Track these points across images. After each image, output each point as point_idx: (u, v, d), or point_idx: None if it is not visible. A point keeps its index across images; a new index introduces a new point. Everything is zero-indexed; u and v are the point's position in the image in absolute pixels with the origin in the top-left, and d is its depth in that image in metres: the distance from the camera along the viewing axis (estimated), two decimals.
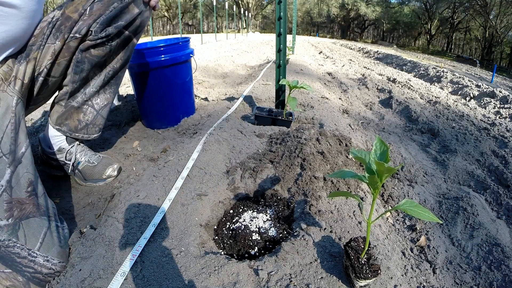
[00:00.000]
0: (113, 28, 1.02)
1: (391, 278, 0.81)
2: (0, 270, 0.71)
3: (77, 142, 1.25)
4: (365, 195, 1.22)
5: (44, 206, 0.81)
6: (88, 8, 0.99)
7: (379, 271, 0.72)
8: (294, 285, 0.73)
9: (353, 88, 3.54)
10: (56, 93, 1.15)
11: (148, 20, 1.19)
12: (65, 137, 1.21)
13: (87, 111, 1.16)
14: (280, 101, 2.06)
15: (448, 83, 4.33)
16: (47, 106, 2.04)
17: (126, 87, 3.00)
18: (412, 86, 3.86)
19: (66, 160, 1.22)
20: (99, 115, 1.20)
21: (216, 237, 0.98)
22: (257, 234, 0.95)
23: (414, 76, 5.32)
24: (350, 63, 6.64)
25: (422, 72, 5.44)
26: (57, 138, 1.20)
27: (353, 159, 1.43)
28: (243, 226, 0.97)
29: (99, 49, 1.05)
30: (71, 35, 0.99)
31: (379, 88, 3.66)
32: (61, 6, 1.02)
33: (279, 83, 1.87)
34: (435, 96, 3.34)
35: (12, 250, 0.72)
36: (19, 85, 0.90)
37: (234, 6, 27.07)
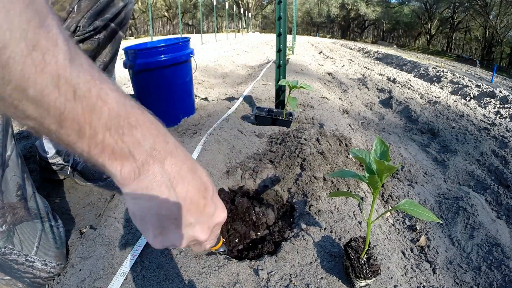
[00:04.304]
0: (100, 21, 1.04)
1: (391, 278, 0.81)
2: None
3: None
4: (365, 195, 1.22)
5: (35, 208, 0.80)
6: (76, 6, 1.01)
7: (379, 271, 0.72)
8: (294, 285, 0.73)
9: (353, 88, 3.54)
10: None
11: (131, 13, 1.21)
12: None
13: None
14: (280, 101, 2.06)
15: (448, 83, 4.33)
16: None
17: (126, 87, 3.00)
18: (412, 86, 3.86)
19: (64, 162, 1.22)
20: None
21: None
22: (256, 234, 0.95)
23: (414, 76, 5.32)
24: (350, 63, 6.64)
25: (422, 72, 5.44)
26: (53, 142, 1.20)
27: (353, 159, 1.43)
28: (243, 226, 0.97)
29: (87, 43, 1.07)
30: None
31: (379, 88, 3.66)
32: None
33: (279, 83, 1.87)
34: (435, 96, 3.34)
35: (9, 258, 0.71)
36: None
37: (234, 6, 27.07)
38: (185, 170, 0.35)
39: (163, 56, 1.71)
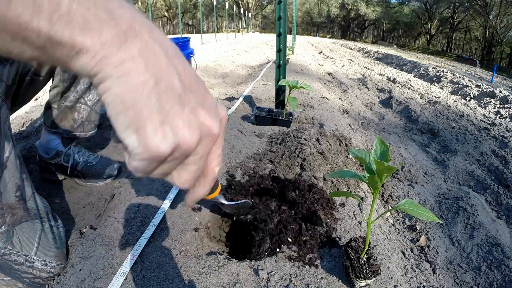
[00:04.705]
0: None
1: (391, 278, 0.81)
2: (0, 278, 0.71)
3: (74, 144, 1.25)
4: (365, 195, 1.22)
5: (35, 209, 0.80)
6: None
7: (379, 271, 0.72)
8: (294, 285, 0.73)
9: (353, 88, 3.54)
10: (48, 97, 1.16)
11: None
12: (61, 140, 1.21)
13: (80, 108, 1.17)
14: (280, 101, 2.06)
15: (448, 83, 4.33)
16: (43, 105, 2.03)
17: None
18: (412, 86, 3.86)
19: (64, 162, 1.22)
20: (93, 111, 1.21)
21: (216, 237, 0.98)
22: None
23: (414, 76, 5.32)
24: (350, 63, 6.64)
25: (422, 72, 5.44)
26: (53, 142, 1.20)
27: (353, 159, 1.43)
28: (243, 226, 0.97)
29: None
30: None
31: (379, 88, 3.66)
32: None
33: (279, 83, 1.87)
34: (435, 96, 3.34)
35: (9, 258, 0.71)
36: (3, 88, 0.88)
37: (234, 6, 27.08)
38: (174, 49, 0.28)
39: None
